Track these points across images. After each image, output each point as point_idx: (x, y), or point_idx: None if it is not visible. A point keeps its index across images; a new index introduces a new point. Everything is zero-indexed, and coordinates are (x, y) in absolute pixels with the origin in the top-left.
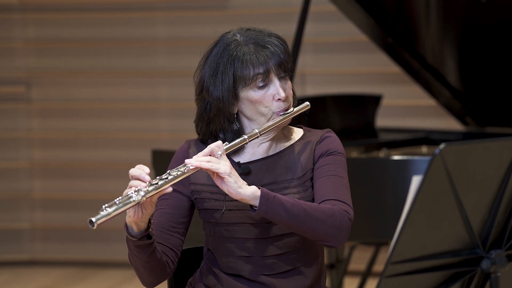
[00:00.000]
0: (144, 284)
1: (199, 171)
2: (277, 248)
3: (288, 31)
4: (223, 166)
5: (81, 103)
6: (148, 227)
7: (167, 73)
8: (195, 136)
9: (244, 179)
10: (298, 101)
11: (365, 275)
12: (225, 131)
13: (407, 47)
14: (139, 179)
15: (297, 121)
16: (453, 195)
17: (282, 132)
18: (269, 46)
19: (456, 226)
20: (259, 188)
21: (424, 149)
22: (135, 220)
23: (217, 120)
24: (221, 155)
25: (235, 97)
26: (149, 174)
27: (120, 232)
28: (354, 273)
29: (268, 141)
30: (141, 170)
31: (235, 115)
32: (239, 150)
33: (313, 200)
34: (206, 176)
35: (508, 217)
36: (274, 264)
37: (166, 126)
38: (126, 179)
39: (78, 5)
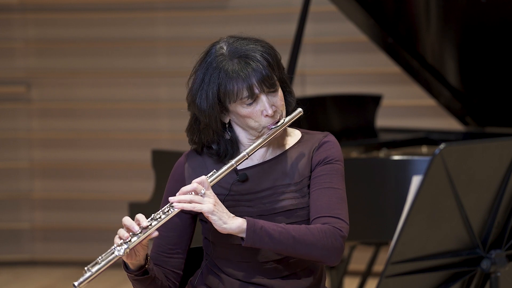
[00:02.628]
0: None
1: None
2: (276, 254)
3: (288, 31)
4: (206, 205)
5: (81, 103)
6: (146, 262)
7: (167, 73)
8: None
9: (242, 186)
10: (296, 102)
11: (365, 275)
12: (218, 143)
13: (407, 47)
14: (129, 229)
15: (296, 122)
16: (453, 195)
17: (280, 135)
18: (251, 62)
19: (456, 226)
20: (245, 219)
21: (424, 149)
22: (130, 261)
23: (207, 132)
24: (204, 193)
25: (225, 108)
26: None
27: None
28: (354, 273)
29: (265, 146)
30: (134, 223)
31: (228, 124)
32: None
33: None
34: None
35: (508, 217)
36: (273, 269)
37: (166, 126)
38: (126, 179)
39: (78, 5)
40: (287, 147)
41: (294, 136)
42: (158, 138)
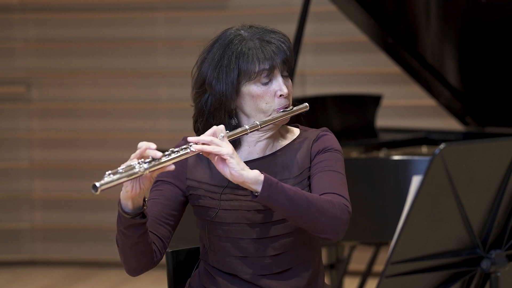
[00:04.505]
0: (128, 270)
1: (197, 169)
2: (273, 249)
3: (288, 31)
4: (225, 148)
5: (81, 103)
6: (143, 205)
7: (167, 73)
8: (195, 135)
9: None
10: (296, 102)
11: (365, 275)
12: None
13: (407, 47)
14: (143, 156)
15: (295, 121)
16: (453, 195)
17: (279, 132)
18: (275, 42)
19: (456, 226)
20: (262, 173)
21: (424, 149)
22: (132, 196)
23: (217, 114)
24: (223, 137)
25: (236, 92)
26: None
27: None
28: (354, 273)
29: (265, 139)
30: (155, 149)
31: (234, 111)
32: (235, 148)
33: None
34: (203, 174)
35: (508, 217)
36: (270, 265)
37: (166, 126)
38: None
39: (78, 5)
40: (286, 142)
41: (293, 133)
42: (158, 138)
